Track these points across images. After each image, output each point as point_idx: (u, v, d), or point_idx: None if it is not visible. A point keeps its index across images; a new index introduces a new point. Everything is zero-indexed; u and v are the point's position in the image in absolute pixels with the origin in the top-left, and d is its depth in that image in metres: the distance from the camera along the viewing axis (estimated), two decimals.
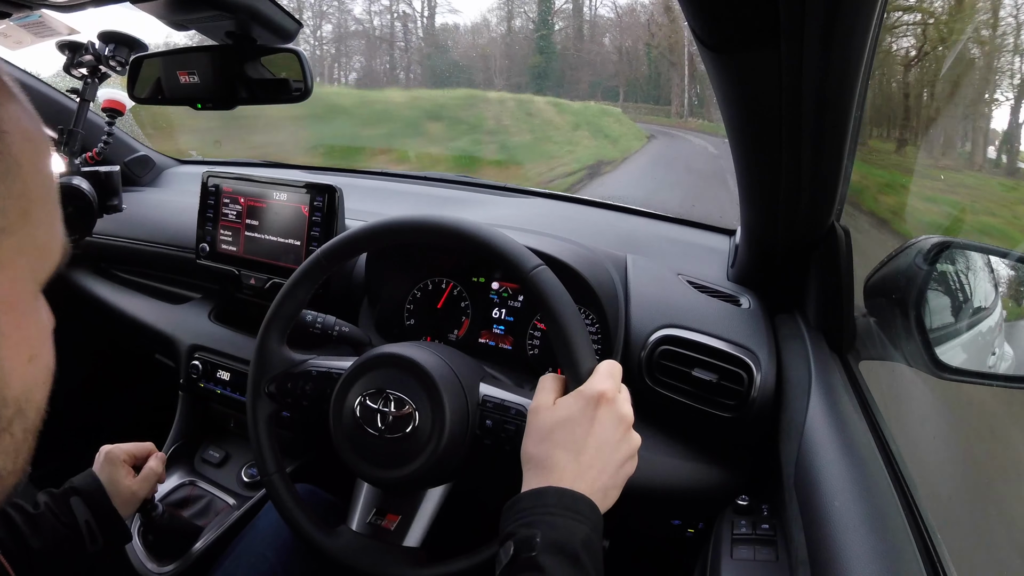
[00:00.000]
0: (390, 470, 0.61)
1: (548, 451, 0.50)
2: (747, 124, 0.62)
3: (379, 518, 0.68)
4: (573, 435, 0.50)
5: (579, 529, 0.45)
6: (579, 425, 0.50)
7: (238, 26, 0.72)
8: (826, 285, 0.76)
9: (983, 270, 0.75)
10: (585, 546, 0.44)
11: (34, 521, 0.68)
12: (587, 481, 0.49)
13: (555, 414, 0.52)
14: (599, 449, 0.50)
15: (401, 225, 0.67)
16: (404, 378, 0.62)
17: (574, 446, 0.49)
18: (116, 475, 0.76)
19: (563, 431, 0.50)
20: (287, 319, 0.70)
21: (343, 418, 0.63)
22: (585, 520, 0.46)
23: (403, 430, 0.60)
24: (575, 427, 0.50)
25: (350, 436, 0.62)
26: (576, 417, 0.51)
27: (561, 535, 0.44)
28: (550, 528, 0.44)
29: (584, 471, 0.49)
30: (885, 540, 0.47)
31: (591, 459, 0.49)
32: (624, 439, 0.52)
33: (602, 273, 0.89)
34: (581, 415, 0.51)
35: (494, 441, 0.63)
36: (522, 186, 1.33)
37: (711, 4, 0.47)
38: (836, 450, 0.57)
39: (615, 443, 0.51)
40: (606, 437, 0.50)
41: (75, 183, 0.97)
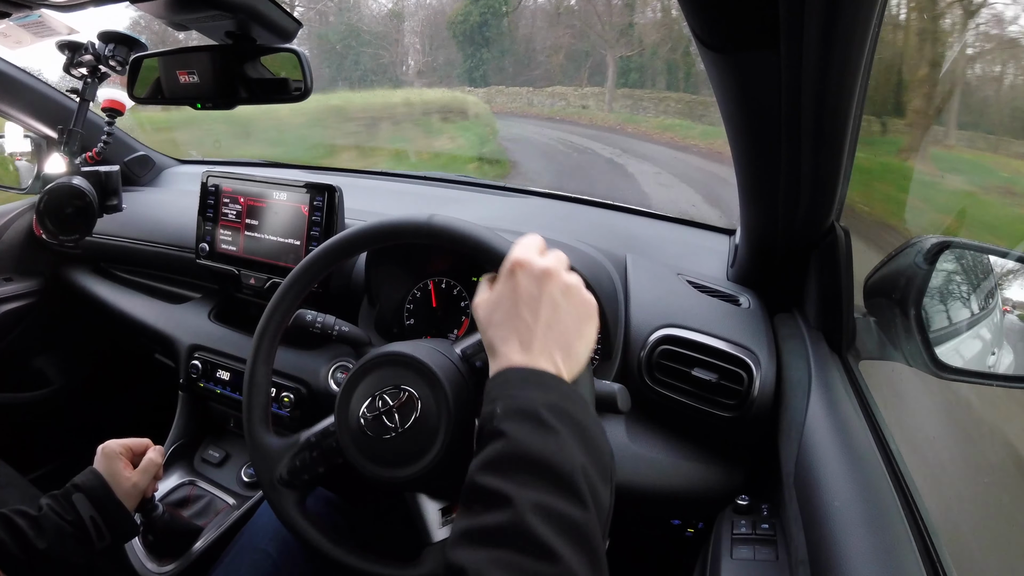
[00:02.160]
0: (399, 468, 0.59)
1: (492, 335, 0.50)
2: (747, 124, 0.62)
3: (451, 514, 0.66)
4: (505, 309, 0.50)
5: (541, 396, 0.44)
6: (505, 298, 0.50)
7: (238, 26, 0.72)
8: (826, 285, 0.76)
9: (983, 270, 0.75)
10: (550, 408, 0.43)
11: (37, 523, 0.68)
12: (535, 344, 0.48)
13: (487, 301, 0.52)
14: (532, 310, 0.49)
15: (363, 234, 0.67)
16: (404, 373, 0.61)
17: (509, 318, 0.50)
18: (115, 468, 0.76)
19: (497, 312, 0.51)
20: (264, 406, 0.70)
21: (349, 420, 0.63)
22: (548, 388, 0.45)
23: (409, 419, 0.59)
24: (503, 302, 0.50)
25: (357, 438, 0.62)
26: (502, 292, 0.51)
27: (521, 403, 0.43)
28: (510, 400, 0.44)
29: (526, 335, 0.48)
30: (885, 540, 0.47)
31: (528, 322, 0.49)
32: (554, 291, 0.50)
33: (602, 273, 0.89)
34: (505, 288, 0.51)
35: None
36: (522, 186, 1.33)
37: (711, 4, 0.47)
38: (836, 450, 0.57)
39: (546, 297, 0.50)
40: (533, 295, 0.50)
41: (75, 183, 0.97)
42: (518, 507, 0.37)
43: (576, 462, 0.41)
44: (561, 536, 0.37)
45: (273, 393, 1.00)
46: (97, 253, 1.33)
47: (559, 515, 0.38)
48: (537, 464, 0.40)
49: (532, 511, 0.37)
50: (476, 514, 0.39)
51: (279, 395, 0.99)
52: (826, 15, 0.44)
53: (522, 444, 0.41)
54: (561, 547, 0.36)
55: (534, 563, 0.36)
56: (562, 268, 0.52)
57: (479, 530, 0.38)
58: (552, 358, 0.48)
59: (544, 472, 0.40)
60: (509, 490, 0.38)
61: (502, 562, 0.36)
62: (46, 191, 0.97)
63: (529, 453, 0.41)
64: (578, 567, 0.36)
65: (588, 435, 0.44)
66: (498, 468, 0.40)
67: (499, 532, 0.37)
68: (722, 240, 1.05)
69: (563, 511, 0.38)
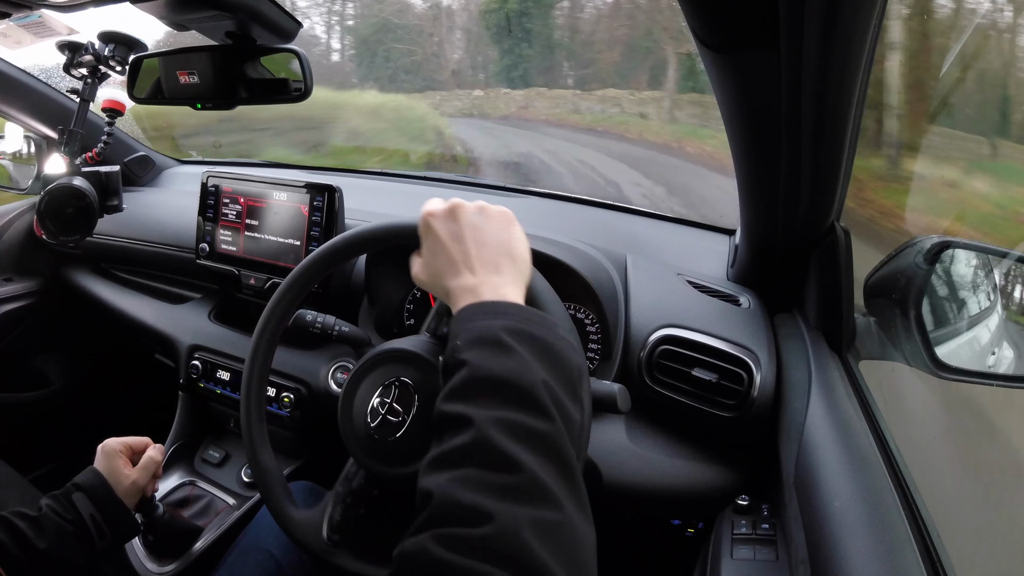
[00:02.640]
0: (404, 466, 0.59)
1: (441, 283, 0.52)
2: (747, 124, 0.62)
3: None
4: (438, 256, 0.53)
5: (498, 322, 0.45)
6: (433, 247, 0.54)
7: (238, 26, 0.72)
8: (826, 285, 0.76)
9: (983, 270, 0.75)
10: (508, 331, 0.43)
11: (37, 523, 0.67)
12: (482, 267, 0.51)
13: (421, 263, 0.56)
14: (458, 239, 0.52)
15: (340, 246, 0.68)
16: (410, 372, 0.61)
17: (444, 259, 0.52)
18: (114, 465, 0.76)
19: (434, 262, 0.54)
20: (280, 479, 0.69)
21: (353, 418, 0.63)
22: (505, 314, 0.46)
23: (414, 425, 0.59)
24: (434, 251, 0.54)
25: (361, 435, 0.62)
26: (428, 245, 0.55)
27: (479, 332, 0.44)
28: (469, 331, 0.45)
29: (467, 258, 0.51)
30: (885, 540, 0.47)
31: (460, 250, 0.52)
32: (467, 216, 0.54)
33: (602, 273, 0.89)
34: (428, 241, 0.55)
35: None
36: (522, 186, 1.33)
37: (711, 4, 0.47)
38: (836, 450, 0.57)
39: (465, 224, 0.53)
40: (451, 229, 0.53)
41: (75, 183, 0.97)
42: (479, 425, 0.37)
43: (536, 378, 0.41)
44: (523, 445, 0.37)
45: (273, 393, 1.00)
46: (97, 253, 1.33)
47: (520, 426, 0.38)
48: (496, 383, 0.40)
49: (493, 426, 0.37)
50: (443, 441, 0.39)
51: (279, 396, 0.99)
52: (826, 15, 0.44)
53: (482, 368, 0.41)
54: (524, 456, 0.36)
55: (496, 475, 0.35)
56: (462, 201, 0.55)
57: (444, 454, 0.38)
58: (501, 276, 0.50)
59: (503, 390, 0.40)
60: (470, 411, 0.39)
61: (466, 479, 0.35)
62: (46, 191, 0.97)
63: (489, 375, 0.41)
64: (544, 474, 0.36)
65: (551, 353, 0.44)
66: (461, 394, 0.41)
67: (462, 451, 0.37)
68: (722, 240, 1.05)
69: (524, 423, 0.38)
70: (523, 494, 0.35)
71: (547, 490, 0.35)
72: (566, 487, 0.36)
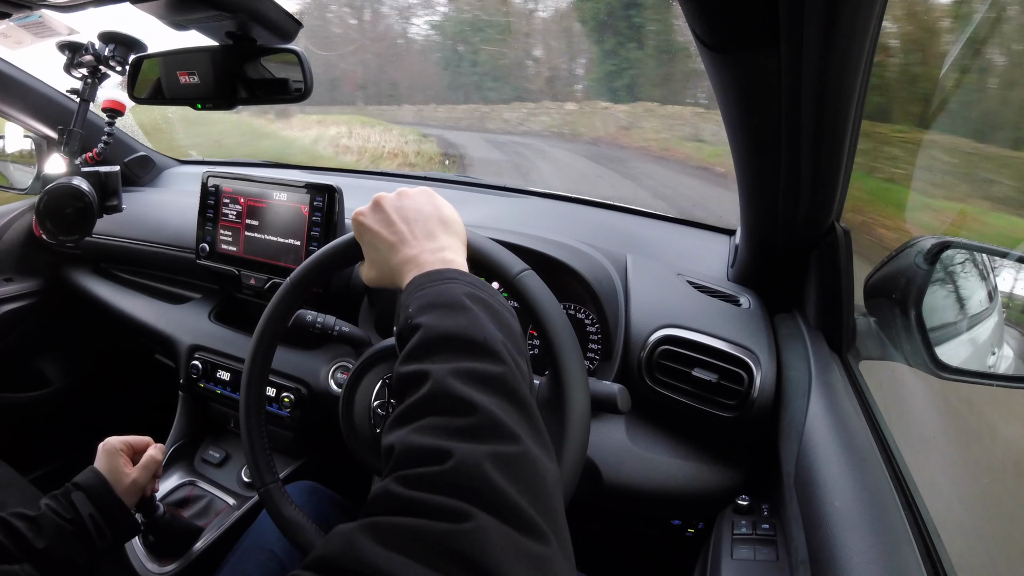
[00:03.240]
0: None
1: (387, 269, 0.54)
2: (747, 124, 0.62)
3: None
4: (375, 245, 0.56)
5: (448, 288, 0.46)
6: (369, 241, 0.57)
7: (238, 26, 0.72)
8: (826, 285, 0.76)
9: (983, 270, 0.75)
10: (460, 293, 0.45)
11: (36, 523, 0.67)
12: (416, 237, 0.53)
13: (366, 260, 0.58)
14: (387, 224, 0.55)
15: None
16: (391, 364, 0.62)
17: (381, 247, 0.55)
18: (115, 464, 0.76)
19: (373, 254, 0.57)
20: (281, 490, 0.68)
21: (354, 415, 0.63)
22: (454, 280, 0.47)
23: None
24: (370, 244, 0.57)
25: (362, 432, 0.62)
26: (366, 241, 0.57)
27: (430, 297, 0.45)
28: (419, 299, 0.46)
29: (403, 238, 0.53)
30: (885, 540, 0.47)
31: (392, 231, 0.54)
32: (387, 203, 0.57)
33: (602, 273, 0.89)
34: (364, 237, 0.57)
35: None
36: (523, 186, 1.33)
37: (711, 4, 0.47)
38: (836, 450, 0.57)
39: (389, 208, 0.56)
40: (379, 217, 0.56)
41: (75, 183, 0.97)
42: (435, 377, 0.38)
43: (490, 331, 0.42)
44: (479, 389, 0.37)
45: (273, 393, 1.00)
46: (97, 253, 1.33)
47: (476, 373, 0.39)
48: (450, 338, 0.41)
49: (449, 375, 0.38)
50: (403, 400, 0.39)
51: (279, 396, 0.99)
52: (826, 15, 0.44)
53: (435, 327, 0.42)
54: (480, 398, 0.37)
55: (453, 418, 0.36)
56: (382, 193, 0.58)
57: (404, 410, 0.38)
58: (437, 240, 0.53)
59: (458, 343, 0.41)
60: (426, 367, 0.39)
61: (427, 426, 0.36)
62: (46, 191, 0.97)
63: (442, 332, 0.42)
64: (502, 413, 0.36)
65: (498, 314, 0.45)
66: (416, 354, 0.41)
67: (421, 404, 0.38)
68: (722, 240, 1.05)
69: (479, 369, 0.39)
70: (481, 431, 0.35)
71: (505, 426, 0.36)
72: (524, 423, 0.37)
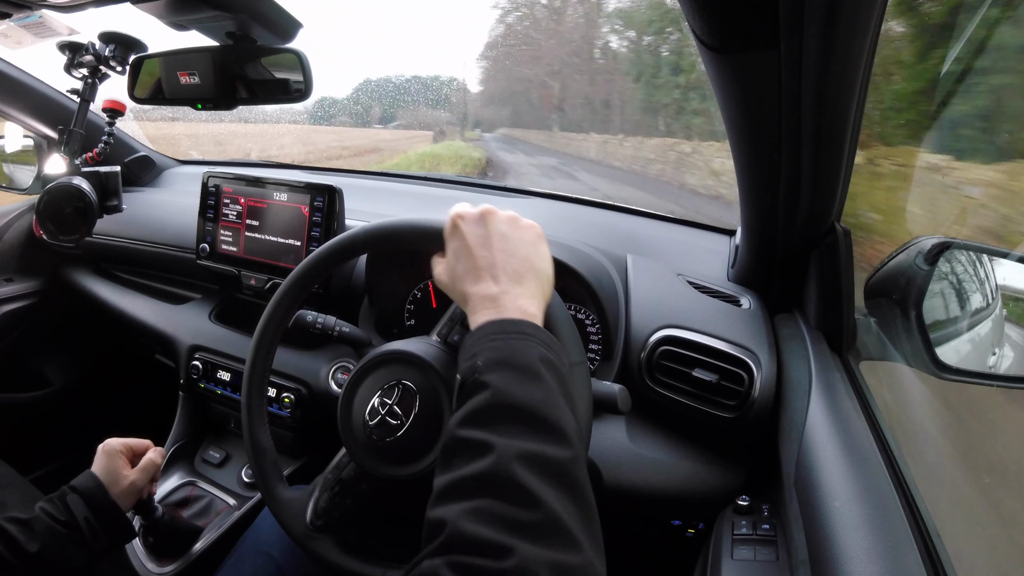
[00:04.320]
0: (403, 466, 0.59)
1: (460, 288, 0.51)
2: (747, 124, 0.62)
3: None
4: (462, 260, 0.52)
5: (523, 346, 0.43)
6: (458, 251, 0.53)
7: (238, 26, 0.72)
8: (826, 285, 0.76)
9: (983, 270, 0.75)
10: (535, 356, 0.42)
11: (29, 526, 0.67)
12: (498, 271, 0.50)
13: (445, 265, 0.55)
14: (484, 245, 0.51)
15: (350, 241, 0.67)
16: (411, 373, 0.61)
17: (468, 264, 0.51)
18: (114, 465, 0.76)
19: (456, 266, 0.53)
20: (273, 458, 0.69)
21: (352, 418, 0.63)
22: (529, 337, 0.44)
23: (414, 426, 0.59)
24: (458, 255, 0.53)
25: (360, 435, 0.62)
26: (454, 248, 0.53)
27: (502, 354, 0.43)
28: (491, 351, 0.43)
29: (487, 267, 0.50)
30: (885, 540, 0.47)
31: (485, 256, 0.51)
32: (498, 225, 0.52)
33: (602, 273, 0.89)
34: (454, 244, 0.53)
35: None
36: (523, 187, 1.33)
37: (711, 4, 0.47)
38: (836, 450, 0.57)
39: (493, 233, 0.52)
40: (479, 233, 0.52)
41: (75, 183, 0.97)
42: (501, 455, 0.36)
43: (562, 409, 0.40)
44: (545, 480, 0.35)
45: (273, 394, 1.00)
46: (98, 253, 1.33)
47: (543, 459, 0.36)
48: (522, 412, 0.39)
49: (515, 458, 0.36)
50: (456, 467, 0.37)
51: (279, 396, 0.99)
52: (826, 15, 0.44)
53: (506, 393, 0.40)
54: (545, 491, 0.35)
55: (516, 510, 0.34)
56: (494, 208, 0.54)
57: (459, 481, 0.36)
58: (522, 286, 0.49)
59: (530, 420, 0.39)
60: (491, 439, 0.37)
61: (481, 511, 0.34)
62: (46, 191, 0.97)
63: (514, 402, 0.39)
64: (565, 513, 0.35)
65: (567, 382, 0.44)
66: (481, 419, 0.39)
67: (479, 481, 0.36)
68: (722, 240, 1.05)
69: (547, 455, 0.37)
70: (543, 533, 0.33)
71: (568, 531, 0.34)
72: (585, 527, 0.35)
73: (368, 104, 6.07)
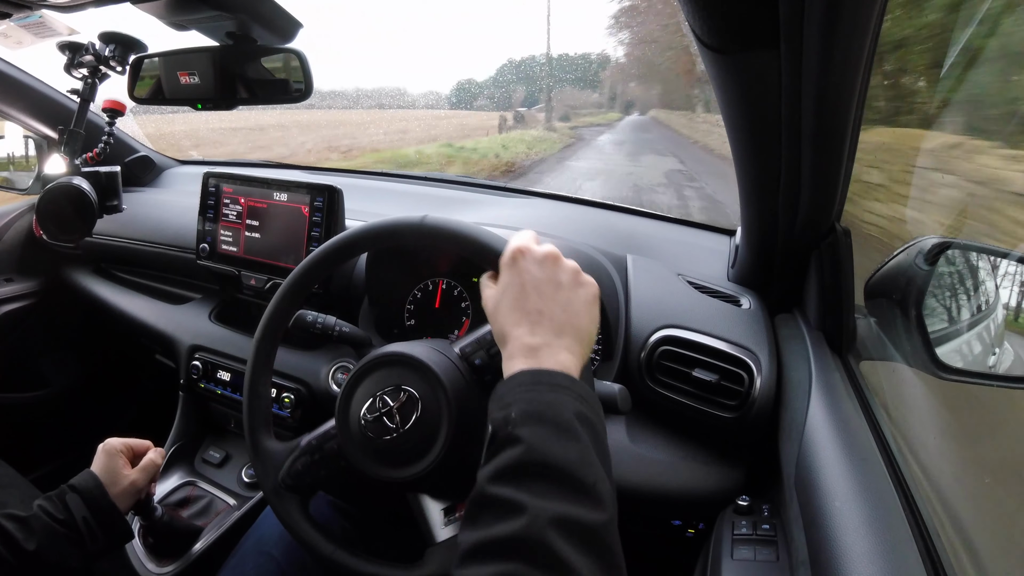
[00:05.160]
0: (400, 468, 0.60)
1: (502, 322, 0.50)
2: (747, 124, 0.62)
3: (453, 514, 0.66)
4: (512, 296, 0.50)
5: (559, 399, 0.42)
6: (511, 286, 0.51)
7: (238, 26, 0.72)
8: (826, 285, 0.76)
9: (983, 270, 0.75)
10: (571, 412, 0.41)
11: (27, 525, 0.67)
12: (545, 324, 0.48)
13: (493, 293, 0.52)
14: (539, 292, 0.49)
15: (360, 236, 0.67)
16: (404, 373, 0.61)
17: (516, 304, 0.50)
18: (114, 465, 0.76)
19: (504, 300, 0.51)
20: (265, 411, 0.70)
21: (350, 419, 0.63)
22: (565, 390, 0.43)
23: (412, 429, 0.59)
24: (510, 289, 0.51)
25: (358, 437, 0.62)
26: (507, 282, 0.51)
27: (537, 407, 0.41)
28: (525, 403, 0.42)
29: (536, 317, 0.48)
30: (885, 540, 0.47)
31: (536, 303, 0.49)
32: (557, 271, 0.51)
33: (602, 273, 0.89)
34: (509, 277, 0.51)
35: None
36: (523, 187, 1.33)
37: (711, 4, 0.47)
38: (836, 450, 0.57)
39: (550, 279, 0.50)
40: (538, 277, 0.50)
41: (75, 183, 0.97)
42: (534, 518, 0.35)
43: (597, 470, 0.39)
44: (578, 547, 0.34)
45: (273, 394, 1.00)
46: (98, 254, 1.33)
47: (577, 525, 0.35)
48: (557, 472, 0.37)
49: (548, 522, 0.35)
50: (486, 526, 0.36)
51: (280, 396, 0.99)
52: (826, 15, 0.44)
53: (540, 450, 0.38)
54: (578, 560, 0.34)
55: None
56: (560, 254, 0.52)
57: (489, 543, 0.35)
58: (563, 340, 0.47)
59: (564, 480, 0.37)
60: (524, 499, 0.36)
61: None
62: (46, 191, 0.97)
63: (548, 460, 0.38)
64: None
65: (601, 440, 0.42)
66: (513, 477, 0.38)
67: (510, 544, 0.34)
68: (722, 240, 1.05)
69: (583, 520, 0.36)
70: None
71: None
72: None
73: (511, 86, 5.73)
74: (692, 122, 8.26)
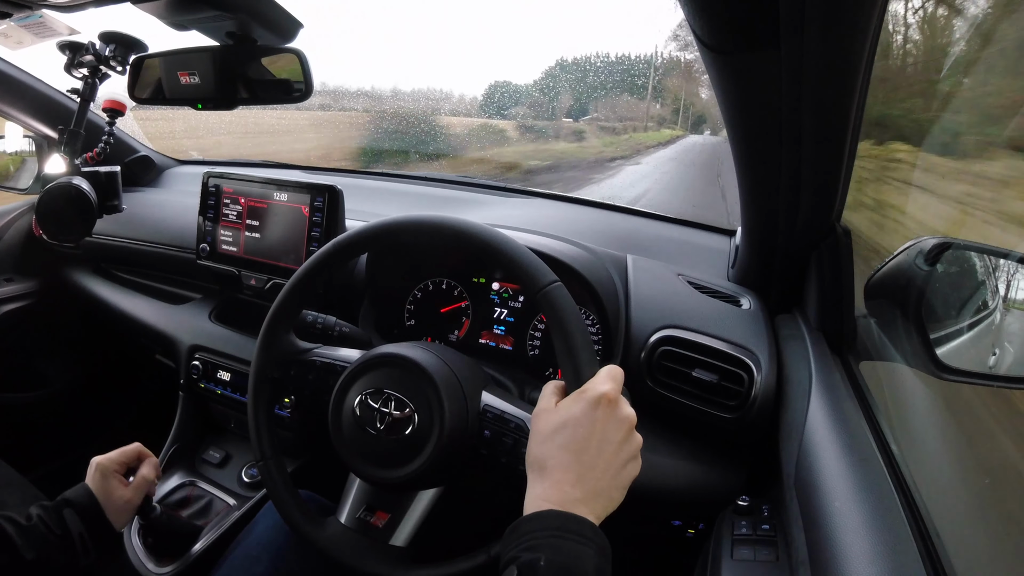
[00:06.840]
0: (387, 470, 0.61)
1: (550, 452, 0.49)
2: (747, 124, 0.62)
3: (369, 514, 0.67)
4: (575, 435, 0.49)
5: (585, 553, 0.43)
6: (580, 426, 0.50)
7: (239, 26, 0.72)
8: (826, 285, 0.76)
9: (983, 270, 0.75)
10: (599, 573, 0.43)
11: (27, 533, 0.68)
12: (589, 482, 0.48)
13: (557, 416, 0.51)
14: (600, 449, 0.49)
15: (423, 224, 0.65)
16: (405, 379, 0.62)
17: (575, 446, 0.49)
18: (109, 486, 0.76)
19: (565, 432, 0.50)
20: (295, 309, 0.71)
21: (342, 416, 0.63)
22: (589, 543, 0.44)
23: (402, 432, 0.60)
24: (576, 427, 0.50)
25: (349, 434, 0.62)
26: (577, 418, 0.50)
27: (566, 559, 0.42)
28: (554, 552, 0.42)
29: (586, 472, 0.48)
30: (885, 540, 0.47)
31: (592, 459, 0.49)
32: (627, 440, 0.51)
33: (602, 273, 0.89)
34: (582, 416, 0.50)
35: (491, 452, 0.63)
36: (523, 187, 1.33)
37: (711, 4, 0.47)
38: (836, 450, 0.57)
39: (617, 443, 0.50)
40: (608, 437, 0.50)
41: (75, 183, 0.97)
42: None
43: None
44: None
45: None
46: (97, 253, 1.33)
47: None
48: None
49: None
50: None
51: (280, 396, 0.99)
52: (826, 15, 0.44)
53: None
54: None
55: None
56: (635, 419, 0.52)
57: None
58: (599, 500, 0.48)
59: None
60: None
61: None
62: (46, 191, 0.97)
63: None
64: None
65: None
66: None
67: None
68: (722, 240, 1.05)
69: None
70: None
71: None
72: None
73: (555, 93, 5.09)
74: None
